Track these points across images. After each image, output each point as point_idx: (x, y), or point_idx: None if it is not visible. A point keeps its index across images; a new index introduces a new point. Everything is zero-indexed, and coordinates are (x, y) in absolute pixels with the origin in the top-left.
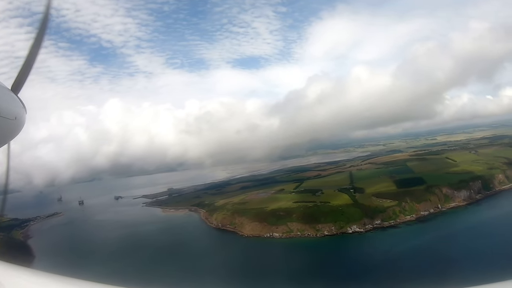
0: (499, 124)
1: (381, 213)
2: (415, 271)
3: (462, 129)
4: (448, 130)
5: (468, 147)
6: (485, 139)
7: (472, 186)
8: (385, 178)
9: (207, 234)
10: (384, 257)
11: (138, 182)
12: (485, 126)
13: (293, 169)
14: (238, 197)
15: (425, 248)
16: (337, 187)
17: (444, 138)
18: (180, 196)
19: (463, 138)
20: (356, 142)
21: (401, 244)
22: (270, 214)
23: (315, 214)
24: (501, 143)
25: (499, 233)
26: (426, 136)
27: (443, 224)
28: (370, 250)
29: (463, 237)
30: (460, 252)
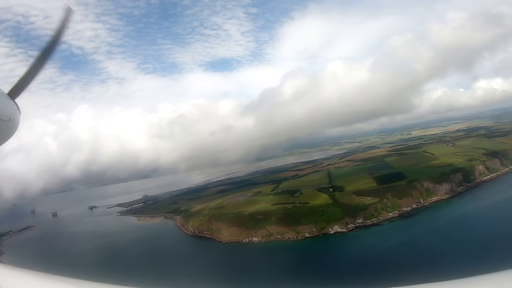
0: (473, 116)
1: (363, 211)
2: (403, 268)
3: (437, 122)
4: (422, 124)
5: (445, 140)
6: (461, 132)
7: (453, 178)
8: (365, 175)
9: (183, 242)
10: (369, 256)
11: (112, 191)
12: (459, 119)
13: (270, 170)
14: (215, 202)
15: (411, 244)
16: (315, 186)
17: (419, 133)
18: (155, 203)
19: (438, 131)
20: (332, 140)
21: (386, 241)
22: (248, 218)
23: (295, 215)
24: (478, 135)
25: (484, 225)
26: (401, 131)
27: (427, 219)
28: (354, 250)
29: (449, 231)
30: (447, 246)
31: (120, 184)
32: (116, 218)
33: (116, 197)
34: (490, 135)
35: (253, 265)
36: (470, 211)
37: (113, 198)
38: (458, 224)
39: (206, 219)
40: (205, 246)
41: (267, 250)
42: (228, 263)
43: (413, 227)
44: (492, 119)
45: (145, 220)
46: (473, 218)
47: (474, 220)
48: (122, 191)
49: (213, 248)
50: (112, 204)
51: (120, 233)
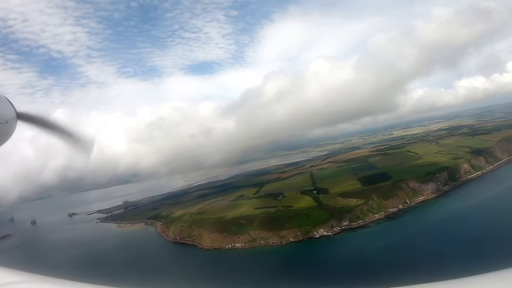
0: (454, 115)
1: (348, 213)
2: (393, 271)
3: (418, 122)
4: (404, 124)
5: (428, 139)
6: (443, 131)
7: (439, 178)
8: (348, 176)
9: (163, 249)
10: (357, 259)
11: (92, 197)
12: (440, 118)
13: (252, 173)
14: (196, 207)
15: (400, 246)
16: (299, 189)
17: (401, 133)
18: (136, 209)
19: (420, 131)
20: (313, 141)
21: (373, 244)
22: (230, 223)
23: (278, 219)
24: (461, 133)
25: (473, 225)
26: (383, 131)
27: (414, 219)
28: (341, 254)
29: (437, 231)
30: (436, 247)
31: (100, 190)
32: (96, 225)
33: (96, 203)
34: (473, 133)
35: (236, 272)
36: (458, 210)
37: (93, 205)
38: (446, 224)
39: (187, 225)
40: (186, 253)
41: (250, 256)
42: (209, 270)
43: (400, 229)
44: (474, 118)
45: (125, 227)
46: (461, 218)
47: (463, 219)
48: (102, 197)
49: (194, 255)
50: (92, 211)
51: (99, 241)
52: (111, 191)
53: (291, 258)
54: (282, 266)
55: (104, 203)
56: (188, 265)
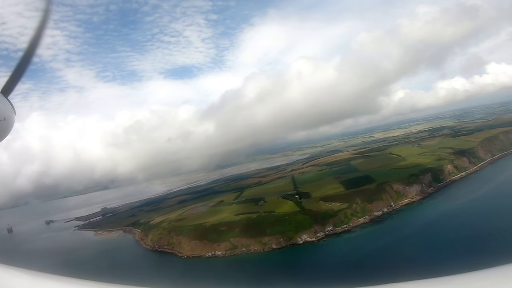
0: (433, 117)
1: (332, 218)
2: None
3: (398, 124)
4: (384, 127)
5: (409, 141)
6: (424, 132)
7: (423, 179)
8: (331, 180)
9: (140, 257)
10: (343, 266)
11: (70, 204)
12: (420, 120)
13: (232, 178)
14: (175, 213)
15: (386, 250)
16: (280, 193)
17: (381, 135)
18: (114, 216)
19: (401, 133)
20: (294, 145)
21: (359, 249)
22: (210, 230)
23: (260, 225)
24: (443, 134)
25: (459, 226)
26: (363, 134)
27: (400, 222)
28: (326, 260)
29: (424, 234)
30: (423, 249)
31: (78, 197)
32: (73, 233)
33: (74, 210)
34: (455, 134)
35: (216, 282)
36: (444, 212)
37: (71, 212)
38: (433, 226)
39: (166, 232)
40: (164, 262)
41: (231, 264)
42: (188, 280)
43: (386, 233)
44: (454, 119)
45: (102, 235)
46: (447, 219)
47: (449, 221)
48: (80, 203)
49: (173, 264)
50: (70, 218)
51: (74, 250)
52: (90, 197)
53: (274, 265)
54: (265, 274)
55: (82, 210)
56: (166, 275)
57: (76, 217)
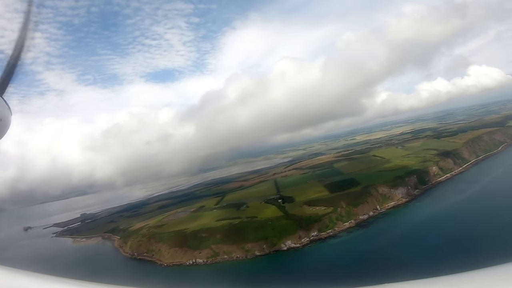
0: (415, 119)
1: (317, 222)
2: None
3: (380, 127)
4: (366, 129)
5: (393, 143)
6: (406, 134)
7: (408, 181)
8: (315, 183)
9: (118, 266)
10: (329, 272)
11: (50, 209)
12: (402, 123)
13: (214, 182)
14: (154, 219)
15: (373, 255)
16: (263, 198)
17: (363, 137)
18: (93, 222)
19: (383, 135)
20: (276, 148)
21: (345, 254)
22: (191, 237)
23: (242, 232)
24: (426, 136)
25: (447, 228)
26: (345, 136)
27: (386, 226)
28: (312, 267)
29: (411, 237)
30: (411, 253)
31: (58, 202)
32: (51, 240)
33: (53, 216)
34: (439, 135)
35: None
36: (431, 214)
37: (50, 217)
38: (420, 229)
39: (145, 239)
40: (143, 271)
41: (213, 273)
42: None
43: (373, 237)
44: (435, 121)
45: (81, 242)
46: (434, 222)
47: (436, 223)
48: (59, 209)
49: (152, 273)
50: (48, 224)
51: (51, 258)
52: (69, 203)
53: (258, 273)
54: (248, 282)
55: (62, 215)
56: (143, 284)
57: (54, 223)
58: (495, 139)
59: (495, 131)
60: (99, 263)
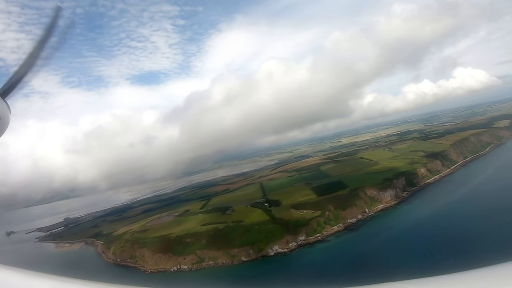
0: (400, 121)
1: (304, 226)
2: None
3: (366, 129)
4: (352, 132)
5: (379, 145)
6: (393, 136)
7: (397, 184)
8: (301, 186)
9: (100, 273)
10: (318, 278)
11: (33, 213)
12: (387, 125)
13: (199, 185)
14: (138, 224)
15: (364, 259)
16: (249, 201)
17: (350, 140)
18: (77, 227)
19: (369, 137)
20: (261, 151)
21: (335, 259)
22: (175, 242)
23: (228, 236)
24: (413, 137)
25: (438, 231)
26: (332, 139)
27: (376, 229)
28: (300, 273)
29: (401, 240)
30: (402, 257)
31: (42, 206)
32: (33, 245)
33: (36, 221)
34: (426, 137)
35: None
36: (421, 216)
37: (34, 222)
38: (410, 232)
39: (128, 244)
40: (126, 278)
41: (198, 279)
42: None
43: (362, 240)
44: (421, 123)
45: (63, 247)
46: (424, 224)
47: (427, 226)
48: (43, 213)
49: (134, 280)
50: (31, 229)
51: (31, 264)
52: (53, 206)
53: (244, 279)
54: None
55: (45, 220)
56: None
57: (38, 228)
58: (482, 140)
59: (482, 133)
60: (80, 270)
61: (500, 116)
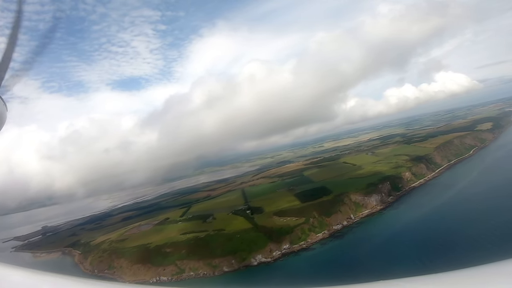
0: (381, 125)
1: (288, 234)
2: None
3: (347, 134)
4: (333, 137)
5: (362, 149)
6: (375, 140)
7: (382, 188)
8: (284, 193)
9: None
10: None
11: (11, 221)
12: (369, 129)
13: (180, 192)
14: (117, 232)
15: (352, 267)
16: (230, 208)
17: (331, 144)
18: (54, 235)
19: (351, 142)
20: (243, 156)
21: (321, 268)
22: (154, 252)
23: (209, 246)
24: (396, 141)
25: (425, 235)
26: (313, 144)
27: (362, 235)
28: (286, 283)
29: (390, 245)
30: (390, 264)
31: (20, 214)
32: (9, 255)
33: (14, 229)
34: (409, 141)
35: None
36: (407, 221)
37: (11, 230)
38: (398, 237)
39: (106, 254)
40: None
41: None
42: None
43: (349, 247)
44: (402, 127)
45: (41, 257)
46: (411, 229)
47: (414, 231)
48: (21, 221)
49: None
50: (8, 238)
51: None
52: (31, 214)
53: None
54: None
55: (23, 228)
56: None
57: (15, 237)
58: (466, 143)
59: (465, 136)
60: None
61: (483, 119)
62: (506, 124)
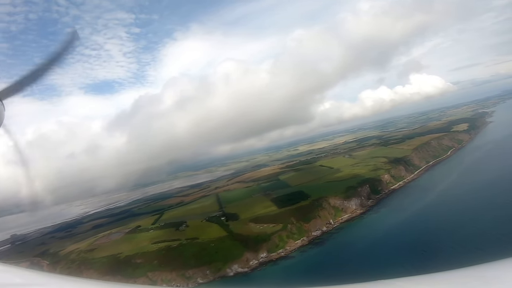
0: (356, 128)
1: (265, 242)
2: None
3: (322, 137)
4: (308, 140)
5: (338, 152)
6: (351, 143)
7: (361, 192)
8: (260, 198)
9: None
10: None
11: None
12: (343, 132)
13: (153, 198)
14: (86, 241)
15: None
16: (204, 215)
17: (306, 148)
18: (23, 244)
19: (326, 145)
20: (217, 160)
21: (301, 278)
22: (125, 263)
23: (182, 256)
24: (373, 144)
25: (409, 239)
26: (288, 147)
27: (343, 241)
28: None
29: (371, 253)
30: (375, 267)
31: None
32: None
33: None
34: (386, 143)
35: None
36: (389, 224)
37: None
38: (381, 241)
39: (75, 265)
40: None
41: None
42: None
43: (330, 255)
44: (377, 129)
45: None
46: (394, 232)
47: (396, 235)
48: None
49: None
50: None
51: None
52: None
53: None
54: None
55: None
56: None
57: None
58: (443, 144)
59: (442, 137)
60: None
61: (458, 120)
62: (481, 125)
